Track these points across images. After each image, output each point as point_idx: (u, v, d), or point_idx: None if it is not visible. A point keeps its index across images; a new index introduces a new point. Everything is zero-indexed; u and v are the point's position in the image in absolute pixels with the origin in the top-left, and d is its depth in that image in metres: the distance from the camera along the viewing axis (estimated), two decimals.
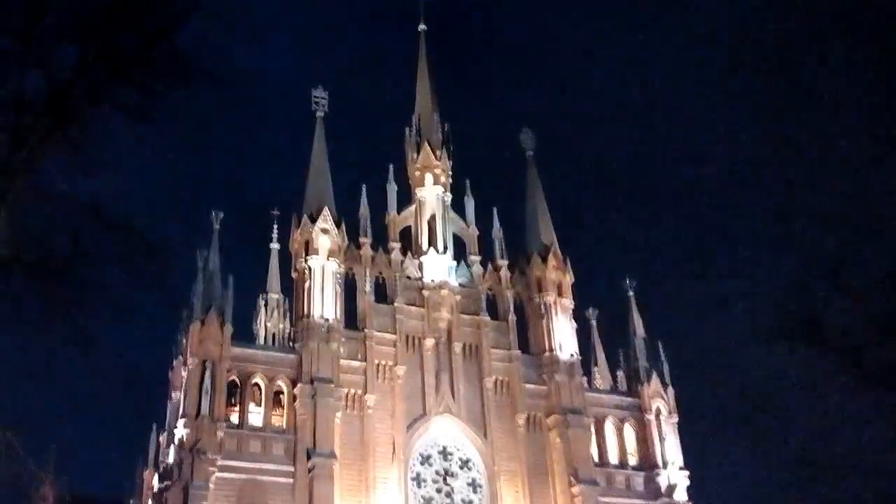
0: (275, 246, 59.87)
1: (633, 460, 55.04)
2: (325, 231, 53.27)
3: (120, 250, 15.65)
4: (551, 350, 54.91)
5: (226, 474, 45.94)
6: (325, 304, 51.26)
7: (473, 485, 50.93)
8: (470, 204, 59.18)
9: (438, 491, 50.25)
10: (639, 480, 54.25)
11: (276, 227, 60.44)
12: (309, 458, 46.79)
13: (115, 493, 64.10)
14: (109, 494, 63.54)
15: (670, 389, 56.23)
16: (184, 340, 50.61)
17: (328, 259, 52.64)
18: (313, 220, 53.45)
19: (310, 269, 52.32)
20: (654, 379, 56.28)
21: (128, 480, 62.80)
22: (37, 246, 15.78)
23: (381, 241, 56.24)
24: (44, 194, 15.51)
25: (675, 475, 53.75)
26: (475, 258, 57.49)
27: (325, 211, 53.79)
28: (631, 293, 59.83)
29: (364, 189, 56.64)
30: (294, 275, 53.87)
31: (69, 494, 32.22)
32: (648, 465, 54.47)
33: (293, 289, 54.05)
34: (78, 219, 15.68)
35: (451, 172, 59.93)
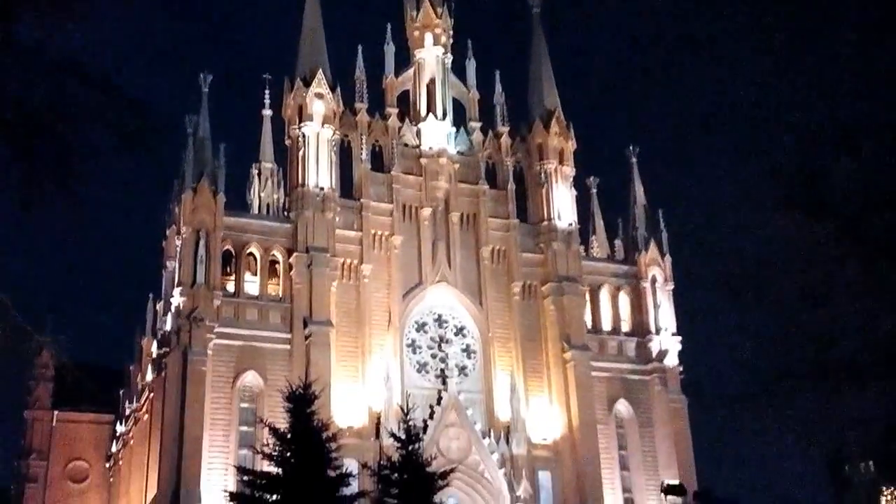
0: (267, 112, 58.24)
1: (626, 327, 55.56)
2: (319, 95, 51.64)
3: (103, 110, 14.67)
4: (549, 219, 54.39)
5: (224, 341, 46.31)
6: (319, 172, 50.30)
7: (468, 351, 51.45)
8: (471, 67, 57.05)
9: (433, 357, 50.78)
10: (631, 346, 54.88)
11: (268, 92, 58.59)
12: (306, 325, 47.03)
13: (115, 360, 64.99)
14: (110, 362, 64.37)
15: (668, 258, 56.13)
16: (176, 209, 49.95)
17: (323, 126, 51.28)
18: (307, 84, 51.73)
19: (304, 136, 51.06)
20: (652, 247, 56.09)
21: (127, 348, 63.50)
22: (16, 105, 14.77)
23: (377, 106, 54.66)
24: (20, 47, 14.37)
25: (666, 341, 54.34)
26: (475, 124, 56.03)
27: (320, 74, 51.97)
28: (634, 160, 58.82)
29: (360, 50, 54.34)
30: (287, 142, 52.65)
31: (69, 361, 32.06)
32: (641, 331, 54.97)
33: (287, 157, 52.96)
34: (57, 75, 14.63)
35: (451, 32, 57.31)
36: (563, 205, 54.95)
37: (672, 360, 54.04)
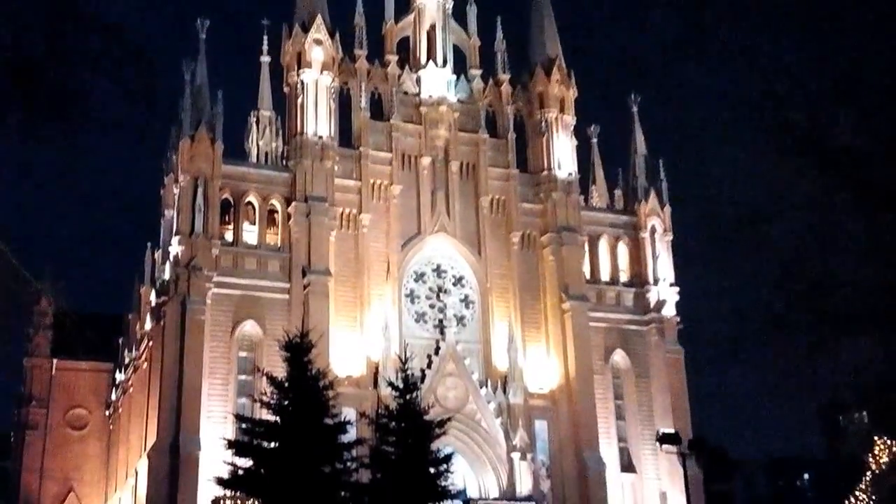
0: (265, 59, 57.36)
1: (624, 277, 55.55)
2: (318, 42, 50.94)
3: (101, 55, 14.40)
4: (549, 168, 54.04)
5: (222, 290, 46.32)
6: (318, 120, 49.85)
7: (466, 301, 51.51)
8: (472, 13, 56.08)
9: (432, 307, 50.85)
10: (629, 296, 54.93)
11: (266, 38, 57.70)
12: (304, 275, 47.02)
13: (115, 309, 65.10)
14: (108, 310, 64.49)
15: (667, 208, 55.90)
16: (174, 157, 49.60)
17: (321, 73, 50.67)
18: (305, 30, 51.03)
19: (302, 83, 50.48)
20: (652, 197, 55.82)
21: (126, 297, 63.58)
22: (13, 50, 14.51)
23: (377, 53, 53.92)
24: None
25: (664, 291, 54.39)
26: (476, 72, 55.34)
27: (319, 19, 51.20)
28: (635, 109, 58.21)
29: None
30: (286, 89, 52.10)
31: (68, 307, 31.97)
32: (639, 281, 54.99)
33: (285, 105, 52.42)
34: (55, 19, 14.35)
35: None
36: (563, 154, 54.56)
37: (670, 311, 54.14)
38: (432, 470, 30.13)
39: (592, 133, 58.69)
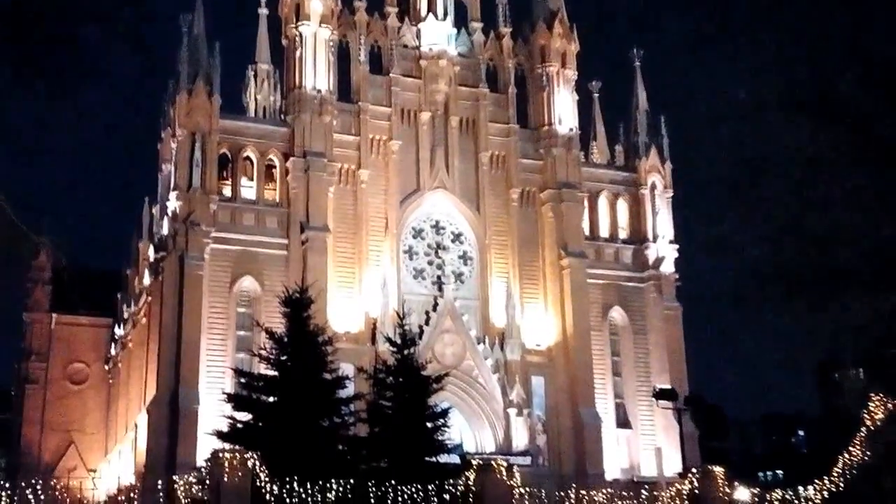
0: (263, 11, 56.44)
1: (623, 234, 55.43)
2: None
3: (98, 4, 14.18)
4: (550, 124, 53.62)
5: (220, 246, 46.25)
6: (317, 74, 49.33)
7: (464, 257, 51.46)
8: None
9: (430, 263, 50.81)
10: (627, 253, 54.85)
11: None
12: (302, 231, 46.90)
13: (113, 264, 65.11)
14: (107, 266, 64.46)
15: (668, 164, 55.58)
16: (171, 111, 49.17)
17: (320, 25, 50.01)
18: None
19: (301, 36, 49.87)
20: (653, 153, 55.45)
21: (125, 252, 63.49)
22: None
23: (376, 5, 53.16)
24: None
25: (663, 248, 54.31)
26: (476, 25, 54.61)
27: None
28: (637, 64, 57.54)
29: None
30: (284, 42, 51.44)
31: (66, 261, 31.86)
32: (638, 238, 54.88)
33: (284, 59, 51.78)
34: None
35: None
36: (564, 109, 54.09)
37: (668, 268, 54.12)
38: (429, 424, 30.28)
39: (594, 88, 58.07)
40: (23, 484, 24.67)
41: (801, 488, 30.37)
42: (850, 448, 27.90)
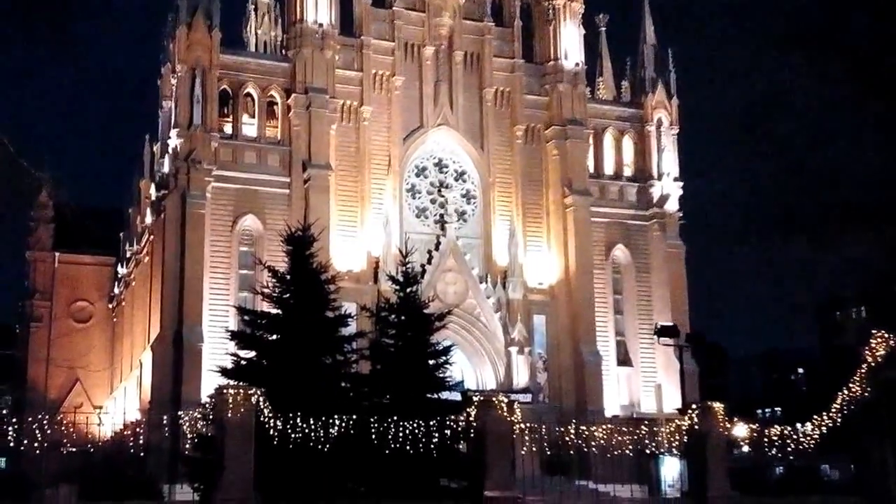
0: None
1: (628, 172, 55.00)
2: None
3: None
4: (556, 59, 52.82)
5: (222, 184, 46.02)
6: (318, 8, 48.42)
7: (467, 196, 51.19)
8: None
9: (433, 202, 50.59)
10: (632, 191, 54.51)
11: None
12: (305, 169, 46.61)
13: (116, 203, 64.99)
14: (109, 204, 64.34)
15: (675, 100, 54.82)
16: (171, 47, 48.44)
17: None
18: None
19: None
20: (660, 89, 54.64)
21: (126, 191, 63.32)
22: None
23: None
24: None
25: (668, 186, 53.92)
26: None
27: None
28: None
29: None
30: None
31: (68, 199, 31.70)
32: (643, 176, 54.44)
33: None
34: None
35: None
36: (570, 44, 53.21)
37: (672, 206, 53.82)
38: (431, 362, 30.34)
39: (601, 21, 56.82)
40: (29, 419, 24.89)
41: (798, 425, 30.53)
42: (850, 385, 27.93)
